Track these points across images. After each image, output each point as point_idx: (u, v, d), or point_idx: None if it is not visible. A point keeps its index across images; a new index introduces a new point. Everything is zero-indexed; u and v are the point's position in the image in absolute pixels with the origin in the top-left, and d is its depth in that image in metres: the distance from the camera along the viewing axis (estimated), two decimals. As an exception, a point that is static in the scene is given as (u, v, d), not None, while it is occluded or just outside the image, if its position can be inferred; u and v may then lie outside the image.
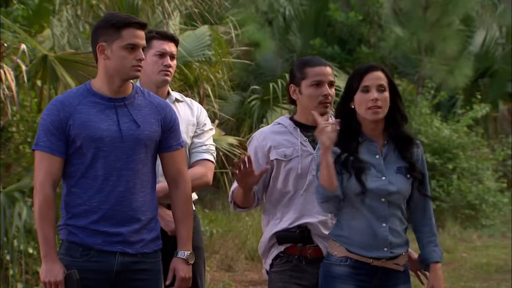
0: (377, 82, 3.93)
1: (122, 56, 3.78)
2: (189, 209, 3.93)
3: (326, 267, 3.96)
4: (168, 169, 3.93)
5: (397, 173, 3.98)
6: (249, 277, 9.79)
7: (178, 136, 3.94)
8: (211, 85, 9.80)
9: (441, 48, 16.07)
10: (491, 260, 10.77)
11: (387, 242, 3.93)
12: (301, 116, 4.30)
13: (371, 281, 3.94)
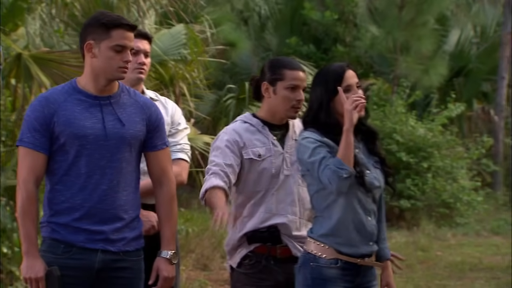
0: (355, 80, 3.97)
1: (110, 57, 3.77)
2: (173, 208, 3.92)
3: (315, 269, 3.92)
4: (153, 169, 3.92)
5: (375, 167, 4.00)
6: (225, 276, 9.78)
7: (163, 135, 3.94)
8: (186, 84, 9.79)
9: (416, 47, 16.14)
10: (465, 259, 10.83)
11: (373, 236, 3.96)
12: (268, 115, 4.29)
13: (355, 280, 3.96)
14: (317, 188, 3.95)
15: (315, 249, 3.94)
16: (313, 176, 3.92)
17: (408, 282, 8.85)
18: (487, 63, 17.68)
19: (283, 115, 4.27)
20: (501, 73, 16.92)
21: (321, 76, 4.01)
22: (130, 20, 4.02)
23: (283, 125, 4.31)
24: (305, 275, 3.94)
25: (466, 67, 17.78)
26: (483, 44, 18.18)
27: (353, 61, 16.94)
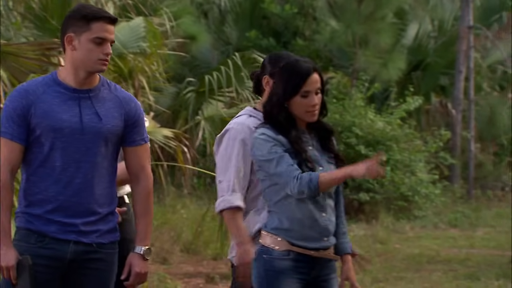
0: (316, 86, 3.95)
1: (89, 49, 3.76)
2: (150, 204, 3.92)
3: (268, 262, 3.93)
4: (130, 164, 3.91)
5: (329, 163, 4.01)
6: (184, 269, 9.78)
7: (142, 131, 3.92)
8: (145, 77, 9.77)
9: (375, 41, 16.24)
10: (423, 251, 10.93)
11: (327, 232, 3.97)
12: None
13: (310, 272, 3.96)
14: (269, 184, 3.96)
15: (269, 241, 3.95)
16: (268, 172, 3.93)
17: (366, 275, 8.91)
18: (445, 57, 17.83)
19: None
20: (459, 67, 17.08)
21: (286, 72, 3.98)
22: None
23: None
24: (258, 267, 3.95)
25: (424, 61, 17.92)
26: (441, 38, 18.33)
27: (313, 55, 17.00)
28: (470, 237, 12.43)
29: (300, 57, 4.19)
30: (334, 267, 4.05)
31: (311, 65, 3.96)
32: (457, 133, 17.08)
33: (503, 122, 18.07)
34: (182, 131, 10.97)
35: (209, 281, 9.03)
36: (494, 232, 12.94)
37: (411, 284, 8.76)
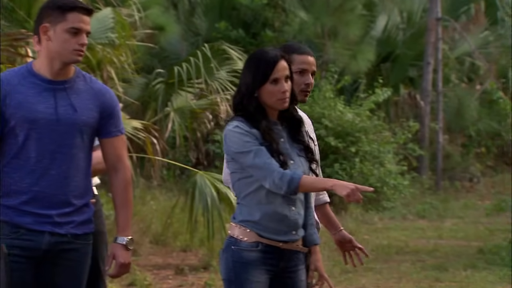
0: (285, 73, 3.95)
1: (65, 39, 3.76)
2: (128, 195, 3.93)
3: (236, 253, 3.93)
4: (107, 155, 3.92)
5: (299, 156, 4.02)
6: (153, 261, 9.77)
7: (118, 122, 3.92)
8: (114, 68, 9.71)
9: (344, 32, 16.27)
10: (391, 242, 10.99)
11: (296, 226, 3.97)
12: None
13: (278, 264, 3.97)
14: (240, 176, 3.96)
15: (238, 233, 3.96)
16: (243, 164, 3.92)
17: (336, 266, 8.95)
18: (414, 49, 17.92)
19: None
20: (427, 58, 17.16)
21: (253, 62, 3.99)
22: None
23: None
24: (227, 258, 3.96)
25: (393, 52, 17.99)
26: (409, 30, 18.41)
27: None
28: (438, 228, 12.52)
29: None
30: (302, 259, 4.06)
31: (278, 52, 3.96)
32: (426, 124, 17.17)
33: (471, 113, 18.21)
34: (151, 122, 10.92)
35: (178, 272, 9.02)
36: (462, 223, 13.05)
37: (380, 275, 8.81)
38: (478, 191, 16.95)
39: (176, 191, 13.22)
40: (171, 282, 8.69)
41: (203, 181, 8.16)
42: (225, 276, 3.98)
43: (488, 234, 11.73)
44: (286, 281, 4.01)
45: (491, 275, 8.85)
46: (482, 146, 18.93)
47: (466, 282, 8.51)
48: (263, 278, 3.94)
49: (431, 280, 8.69)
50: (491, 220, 13.28)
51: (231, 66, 11.07)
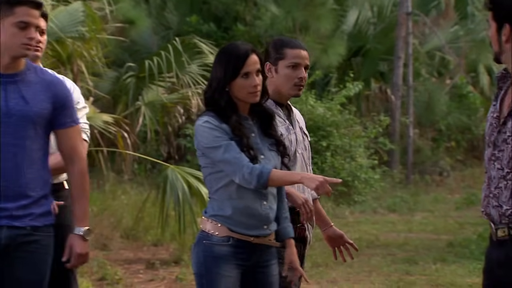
0: (256, 67, 3.96)
1: (13, 33, 3.75)
2: (85, 185, 3.94)
3: (207, 247, 3.94)
4: (63, 147, 3.92)
5: (270, 150, 4.02)
6: (124, 255, 9.74)
7: (72, 113, 3.92)
8: (85, 62, 9.67)
9: (315, 27, 16.30)
10: (362, 236, 11.04)
11: (268, 220, 3.98)
12: (274, 95, 4.34)
13: (250, 258, 3.97)
14: (210, 171, 3.96)
15: (209, 227, 3.96)
16: (213, 159, 3.93)
17: (307, 260, 8.95)
18: (384, 43, 17.98)
19: (287, 94, 4.35)
20: (398, 53, 17.23)
21: (224, 56, 3.99)
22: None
23: (285, 105, 4.40)
24: (198, 253, 3.96)
25: (364, 47, 18.05)
26: (380, 24, 18.46)
27: (253, 41, 16.99)
28: (408, 221, 12.59)
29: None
30: (274, 253, 4.07)
31: (249, 46, 3.98)
32: (396, 118, 17.25)
33: (441, 108, 18.32)
34: (122, 116, 10.90)
35: (149, 267, 9.01)
36: (432, 217, 13.13)
37: (351, 268, 8.85)
38: (448, 185, 17.06)
39: (147, 186, 13.18)
40: (142, 276, 8.67)
41: (175, 175, 8.14)
42: (196, 270, 3.98)
43: (458, 228, 11.82)
44: (258, 276, 4.02)
45: (460, 268, 8.91)
46: (452, 140, 19.05)
47: (436, 275, 8.57)
48: (234, 273, 3.95)
49: (401, 273, 8.74)
50: (460, 213, 13.38)
51: (202, 60, 11.07)
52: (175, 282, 8.33)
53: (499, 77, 3.48)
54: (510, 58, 3.36)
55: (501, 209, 3.34)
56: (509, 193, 3.32)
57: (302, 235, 4.36)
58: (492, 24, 3.39)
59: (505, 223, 3.32)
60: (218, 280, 3.91)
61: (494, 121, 3.40)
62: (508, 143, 3.31)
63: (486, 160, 3.44)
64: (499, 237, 3.35)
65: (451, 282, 8.21)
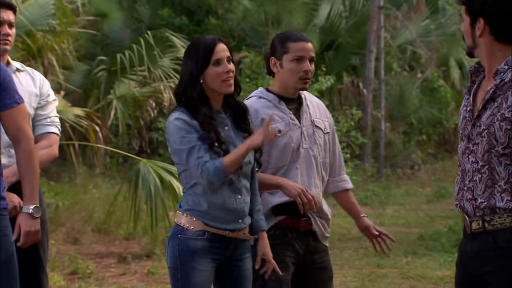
0: (226, 54, 3.96)
1: None
2: (33, 164, 3.91)
3: (182, 241, 3.93)
4: (8, 128, 3.91)
5: (243, 143, 4.02)
6: (96, 249, 9.71)
7: (12, 94, 3.89)
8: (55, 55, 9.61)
9: (287, 20, 16.30)
10: (334, 229, 11.06)
11: (243, 214, 3.98)
12: (281, 89, 4.36)
13: (224, 252, 3.98)
14: (184, 168, 3.97)
15: (184, 221, 3.96)
16: (180, 160, 3.93)
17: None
18: (356, 37, 18.02)
19: (293, 88, 4.34)
20: (369, 47, 17.28)
21: (192, 49, 4.00)
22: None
23: (296, 99, 4.38)
24: (173, 247, 3.96)
25: (336, 40, 18.07)
26: (352, 18, 18.50)
27: (226, 34, 16.98)
28: (380, 215, 12.64)
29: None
30: (249, 247, 4.07)
31: (215, 36, 4.00)
32: (368, 112, 17.30)
33: (412, 101, 18.39)
34: (93, 110, 10.85)
35: (121, 261, 8.98)
36: (403, 210, 13.19)
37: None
38: (419, 178, 17.14)
39: (119, 179, 13.14)
40: (113, 270, 8.65)
41: (147, 169, 8.12)
42: (171, 264, 3.98)
43: (429, 221, 11.89)
44: (232, 269, 4.02)
45: (431, 261, 8.97)
46: (423, 134, 19.14)
47: (407, 268, 8.62)
48: (209, 267, 3.95)
49: (372, 266, 8.78)
50: (431, 207, 13.46)
51: (174, 53, 11.03)
52: (147, 276, 8.32)
53: (472, 70, 3.50)
54: (484, 52, 3.38)
55: (475, 202, 3.36)
56: (484, 186, 3.33)
57: (308, 228, 4.35)
58: (465, 18, 3.40)
59: (479, 216, 3.34)
60: (193, 274, 3.91)
61: (468, 115, 3.42)
62: (483, 136, 3.33)
63: (460, 154, 3.46)
64: (473, 229, 3.37)
65: (422, 274, 8.26)
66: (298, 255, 4.33)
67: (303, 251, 4.34)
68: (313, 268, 4.38)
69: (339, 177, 4.55)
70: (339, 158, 4.54)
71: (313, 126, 4.39)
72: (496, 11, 3.31)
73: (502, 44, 3.36)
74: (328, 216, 4.45)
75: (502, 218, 3.32)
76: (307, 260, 4.35)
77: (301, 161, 4.32)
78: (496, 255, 3.32)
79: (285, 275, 4.24)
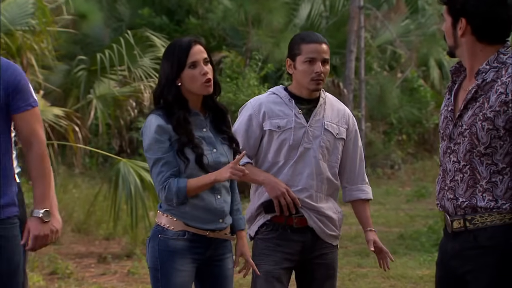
0: (203, 56, 3.96)
1: None
2: (44, 167, 3.90)
3: (162, 241, 3.94)
4: (21, 130, 3.90)
5: (223, 144, 4.03)
6: (75, 249, 9.68)
7: (26, 96, 3.88)
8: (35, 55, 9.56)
9: (267, 20, 16.30)
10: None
11: (223, 214, 3.98)
12: (296, 89, 4.43)
13: (205, 252, 3.98)
14: None
15: (164, 221, 3.96)
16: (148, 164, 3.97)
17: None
18: (337, 37, 18.05)
19: (307, 89, 4.39)
20: (350, 46, 17.30)
21: (169, 51, 4.00)
22: None
23: (312, 100, 4.43)
24: (153, 247, 3.96)
25: (316, 40, 18.08)
26: (332, 18, 18.54)
27: (206, 34, 16.97)
28: (360, 214, 12.64)
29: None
30: (230, 247, 4.08)
31: (192, 38, 4.00)
32: (348, 112, 17.32)
33: (392, 101, 18.44)
34: (73, 110, 10.81)
35: (101, 261, 8.95)
36: (383, 209, 13.22)
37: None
38: (399, 178, 17.19)
39: (99, 179, 13.10)
40: (93, 270, 8.62)
41: (127, 169, 8.10)
42: (151, 264, 3.98)
43: (409, 220, 11.92)
44: (213, 269, 4.02)
45: (411, 260, 8.99)
46: (403, 134, 19.20)
47: (387, 268, 8.63)
48: (189, 267, 3.95)
49: (353, 266, 8.79)
50: (411, 206, 13.49)
51: (154, 53, 11.01)
52: (127, 276, 8.30)
53: (453, 70, 3.51)
54: (465, 52, 3.39)
55: (456, 202, 3.37)
56: (466, 186, 3.35)
57: (304, 224, 4.38)
58: (447, 18, 3.41)
59: (460, 215, 3.35)
60: (173, 274, 3.91)
61: (449, 115, 3.43)
62: (465, 136, 3.34)
63: (441, 153, 3.47)
64: (455, 228, 3.38)
65: (402, 274, 8.28)
66: (294, 251, 4.36)
67: (300, 247, 4.37)
68: (314, 264, 4.43)
69: (356, 186, 4.61)
70: (359, 168, 4.60)
71: (322, 128, 4.42)
72: (478, 11, 3.32)
73: (483, 44, 3.37)
74: (329, 215, 4.46)
75: (483, 217, 3.33)
76: (307, 256, 4.40)
77: (298, 159, 4.36)
78: (477, 254, 3.33)
79: (273, 268, 4.29)
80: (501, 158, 3.31)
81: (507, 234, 3.30)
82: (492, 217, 3.32)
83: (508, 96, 3.27)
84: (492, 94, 3.31)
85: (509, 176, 3.31)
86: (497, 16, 3.32)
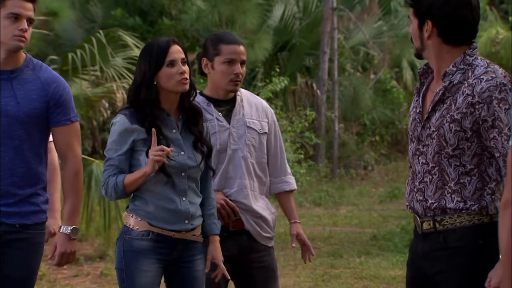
0: (180, 55, 3.96)
1: (5, 25, 3.76)
2: (77, 184, 3.96)
3: (127, 242, 3.94)
4: (58, 144, 3.95)
5: (193, 146, 4.02)
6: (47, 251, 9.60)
7: (67, 111, 3.91)
8: (6, 55, 9.49)
9: (241, 21, 16.30)
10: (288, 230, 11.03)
11: (188, 215, 3.97)
12: (212, 91, 4.39)
13: (171, 253, 3.97)
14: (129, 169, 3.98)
15: (131, 221, 3.97)
16: None
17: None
18: (310, 38, 18.09)
19: (224, 90, 4.35)
20: (323, 48, 17.34)
21: (146, 50, 4.01)
22: None
23: (230, 100, 4.39)
24: (119, 247, 3.99)
25: (289, 41, 18.12)
26: (305, 19, 18.57)
27: (179, 34, 16.93)
28: (333, 215, 12.69)
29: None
30: (200, 248, 4.06)
31: (170, 38, 4.02)
32: (322, 113, 17.36)
33: (365, 102, 18.49)
34: (45, 110, 10.74)
35: (73, 262, 8.89)
36: (357, 210, 13.26)
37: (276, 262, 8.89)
38: (373, 179, 17.25)
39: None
40: (66, 272, 8.58)
41: (100, 170, 8.08)
42: (117, 265, 3.99)
43: (382, 221, 11.96)
44: (181, 270, 4.02)
45: (384, 261, 9.02)
46: (376, 135, 19.26)
47: (360, 268, 8.66)
48: (154, 268, 3.94)
49: (326, 266, 8.81)
50: (384, 207, 13.54)
51: (127, 53, 10.96)
52: (100, 278, 8.27)
53: (421, 72, 3.54)
54: (432, 54, 3.41)
55: (425, 203, 3.39)
56: (434, 187, 3.37)
57: (240, 227, 4.37)
58: (413, 21, 3.43)
59: (430, 216, 3.38)
60: (137, 275, 3.91)
61: (418, 116, 3.45)
62: (433, 138, 3.36)
63: (410, 155, 3.49)
64: (424, 229, 3.40)
65: (374, 274, 8.31)
66: (231, 254, 4.33)
67: (237, 250, 4.36)
68: (252, 268, 4.43)
69: (279, 178, 4.58)
70: (280, 160, 4.56)
71: (245, 126, 4.41)
72: (444, 13, 3.34)
73: (450, 46, 3.39)
74: (264, 216, 4.46)
75: (452, 218, 3.35)
76: (244, 259, 4.39)
77: (228, 162, 4.33)
78: (446, 255, 3.35)
79: (210, 272, 4.22)
80: (469, 159, 3.33)
81: (476, 234, 3.32)
82: (461, 218, 3.34)
83: (475, 98, 3.30)
84: (459, 96, 3.33)
85: (477, 177, 3.33)
86: (463, 18, 3.35)
